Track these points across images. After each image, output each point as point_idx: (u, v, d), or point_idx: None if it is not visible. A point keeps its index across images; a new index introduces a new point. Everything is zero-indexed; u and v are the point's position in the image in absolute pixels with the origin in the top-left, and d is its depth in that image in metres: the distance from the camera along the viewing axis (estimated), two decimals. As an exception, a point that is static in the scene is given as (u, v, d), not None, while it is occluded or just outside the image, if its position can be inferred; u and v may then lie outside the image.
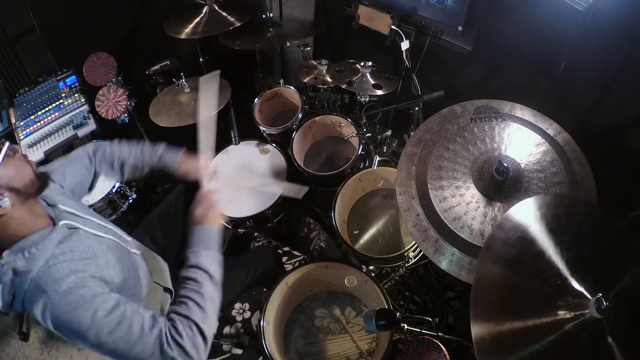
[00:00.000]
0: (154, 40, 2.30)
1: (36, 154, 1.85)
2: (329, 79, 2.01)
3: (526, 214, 0.99)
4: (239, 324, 1.98)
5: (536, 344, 0.85)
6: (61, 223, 0.94)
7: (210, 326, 0.92)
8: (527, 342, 0.85)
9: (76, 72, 1.98)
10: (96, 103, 1.98)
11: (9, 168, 0.88)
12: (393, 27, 1.94)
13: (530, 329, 0.86)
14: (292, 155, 1.90)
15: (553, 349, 0.84)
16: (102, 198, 1.82)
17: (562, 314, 0.87)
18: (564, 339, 0.85)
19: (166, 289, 1.32)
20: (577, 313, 0.86)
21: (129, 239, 1.20)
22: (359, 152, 1.81)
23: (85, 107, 2.04)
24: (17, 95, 1.85)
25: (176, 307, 0.92)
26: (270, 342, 1.41)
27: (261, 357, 1.84)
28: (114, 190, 1.85)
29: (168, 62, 2.01)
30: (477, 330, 0.86)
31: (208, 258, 1.00)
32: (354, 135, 1.85)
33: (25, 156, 0.96)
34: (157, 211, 1.58)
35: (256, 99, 2.13)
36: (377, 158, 1.73)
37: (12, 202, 0.86)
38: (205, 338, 0.89)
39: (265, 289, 1.58)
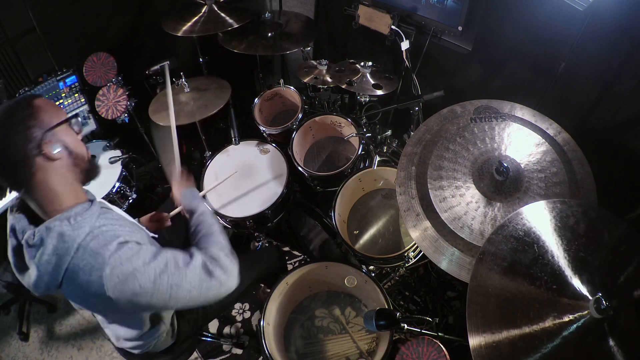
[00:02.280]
0: (154, 40, 2.30)
1: (36, 154, 1.85)
2: (329, 79, 2.01)
3: (517, 224, 1.00)
4: (239, 324, 1.98)
5: (538, 350, 0.85)
6: (97, 200, 0.99)
7: (229, 246, 1.07)
8: (527, 349, 0.85)
9: (76, 72, 1.97)
10: (96, 103, 1.98)
11: (69, 135, 0.93)
12: (393, 27, 1.94)
13: (530, 336, 0.86)
14: (292, 155, 1.90)
15: (557, 353, 0.84)
16: (102, 198, 1.82)
17: (561, 317, 0.87)
18: (566, 343, 0.85)
19: None
20: (576, 315, 0.86)
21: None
22: (359, 152, 1.81)
23: (85, 107, 2.04)
24: (17, 95, 1.85)
25: (201, 241, 1.06)
26: (270, 342, 1.41)
27: (261, 357, 1.84)
28: (114, 190, 1.85)
29: (168, 62, 2.00)
30: (474, 342, 0.87)
31: (203, 205, 1.20)
32: (354, 135, 1.85)
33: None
34: (160, 210, 1.58)
35: (256, 99, 2.13)
36: (377, 158, 1.73)
37: (62, 157, 0.90)
38: (231, 255, 1.04)
39: (268, 290, 1.59)
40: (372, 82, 1.88)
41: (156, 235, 1.20)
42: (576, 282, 0.91)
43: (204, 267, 0.95)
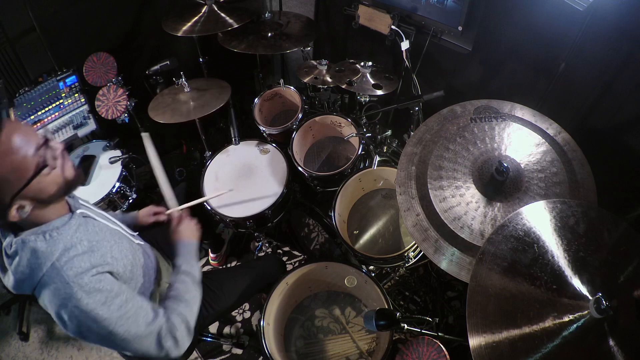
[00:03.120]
0: (154, 40, 2.30)
1: (36, 154, 1.85)
2: (329, 79, 2.01)
3: (517, 224, 1.00)
4: (239, 324, 1.98)
5: (538, 350, 0.85)
6: (78, 211, 0.99)
7: (194, 320, 1.10)
8: (527, 349, 0.85)
9: (76, 72, 1.97)
10: (96, 103, 1.98)
11: (39, 183, 0.86)
12: (393, 27, 1.94)
13: (530, 336, 0.86)
14: (292, 155, 1.90)
15: (557, 353, 0.84)
16: (102, 198, 1.82)
17: (561, 317, 0.87)
18: (566, 343, 0.85)
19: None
20: (576, 315, 0.86)
21: (134, 233, 1.22)
22: (359, 152, 1.81)
23: (85, 107, 2.04)
24: (17, 95, 1.85)
25: (170, 304, 1.08)
26: (270, 342, 1.41)
27: (261, 357, 1.84)
28: (114, 191, 1.85)
29: (168, 62, 2.01)
30: (474, 342, 0.86)
31: (192, 265, 1.19)
32: (354, 135, 1.85)
33: (71, 163, 0.95)
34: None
35: (256, 99, 2.13)
36: (377, 158, 1.73)
37: (32, 207, 0.88)
38: (191, 330, 1.07)
39: (265, 295, 1.59)
40: (372, 82, 1.88)
41: (142, 242, 1.21)
42: (576, 282, 0.91)
43: (156, 336, 0.98)
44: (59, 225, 0.91)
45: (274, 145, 2.01)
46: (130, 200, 1.97)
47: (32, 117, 1.89)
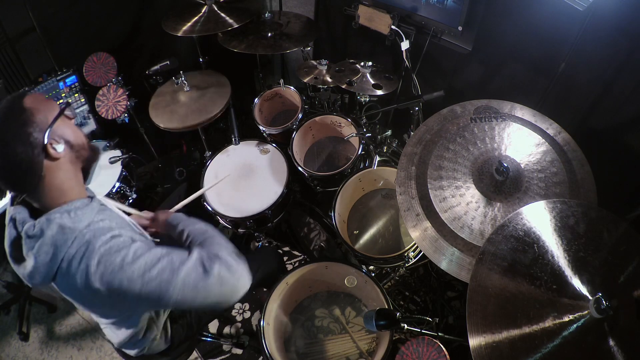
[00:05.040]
0: (154, 40, 2.30)
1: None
2: (329, 79, 2.01)
3: (517, 224, 1.00)
4: (239, 324, 1.98)
5: (538, 350, 0.85)
6: (98, 197, 1.01)
7: (231, 247, 0.96)
8: (527, 349, 0.85)
9: (76, 72, 1.97)
10: (96, 103, 1.98)
11: (67, 126, 0.93)
12: (393, 27, 1.94)
13: (530, 336, 0.86)
14: (292, 155, 1.90)
15: (557, 353, 0.84)
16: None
17: (561, 317, 0.87)
18: (566, 343, 0.85)
19: None
20: (576, 315, 0.86)
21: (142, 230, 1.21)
22: (359, 152, 1.81)
23: (85, 107, 2.04)
24: (17, 95, 1.85)
25: (201, 243, 0.97)
26: (270, 342, 1.41)
27: (261, 357, 1.84)
28: (114, 190, 1.85)
29: (168, 62, 2.01)
30: (474, 342, 0.87)
31: (192, 222, 1.10)
32: (354, 135, 1.85)
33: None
34: (161, 208, 1.58)
35: (256, 99, 2.13)
36: (377, 158, 1.73)
37: (65, 152, 0.91)
38: (236, 253, 0.94)
39: (265, 289, 1.58)
40: (372, 82, 1.88)
41: (157, 240, 1.20)
42: (576, 282, 0.91)
43: (200, 264, 0.87)
44: (81, 205, 0.91)
45: (274, 145, 2.01)
46: (130, 200, 1.97)
47: (32, 117, 1.89)
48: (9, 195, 1.71)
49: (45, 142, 0.86)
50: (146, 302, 0.88)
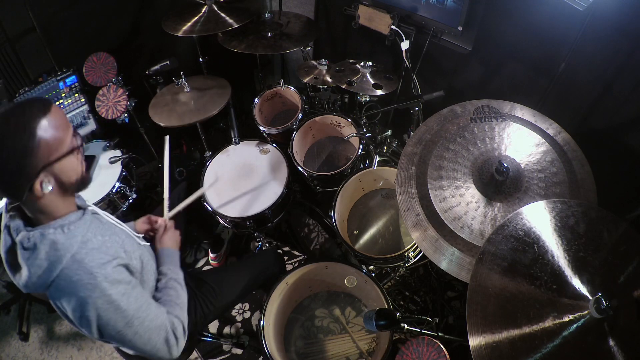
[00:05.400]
0: (154, 40, 2.30)
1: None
2: (329, 79, 2.01)
3: (517, 224, 1.00)
4: (239, 324, 1.98)
5: (538, 350, 0.85)
6: (89, 208, 1.02)
7: (187, 323, 1.13)
8: (527, 349, 0.85)
9: (76, 72, 1.97)
10: (96, 103, 1.98)
11: (66, 164, 0.91)
12: (393, 27, 1.94)
13: (530, 336, 0.86)
14: (292, 155, 1.90)
15: (557, 353, 0.84)
16: (102, 198, 1.82)
17: (561, 317, 0.87)
18: (566, 343, 0.85)
19: None
20: (576, 315, 0.86)
21: (139, 235, 1.22)
22: (359, 152, 1.81)
23: (85, 107, 2.04)
24: (17, 95, 1.85)
25: (167, 306, 1.10)
26: (270, 342, 1.41)
27: (261, 357, 1.84)
28: (114, 191, 1.85)
29: (168, 62, 2.01)
30: (474, 342, 0.87)
31: (177, 273, 1.21)
32: (354, 135, 1.85)
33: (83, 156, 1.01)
34: (159, 210, 1.58)
35: (256, 99, 2.13)
36: (377, 158, 1.73)
37: (53, 189, 0.90)
38: (186, 332, 1.10)
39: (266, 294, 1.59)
40: (372, 82, 1.88)
41: (147, 244, 1.21)
42: (576, 282, 0.91)
43: (165, 330, 1.02)
44: (74, 219, 0.93)
45: (274, 145, 2.01)
46: (130, 200, 1.97)
47: (32, 117, 1.89)
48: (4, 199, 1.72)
49: (34, 179, 0.85)
50: (116, 338, 0.96)
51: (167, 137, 1.48)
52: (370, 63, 1.92)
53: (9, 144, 0.81)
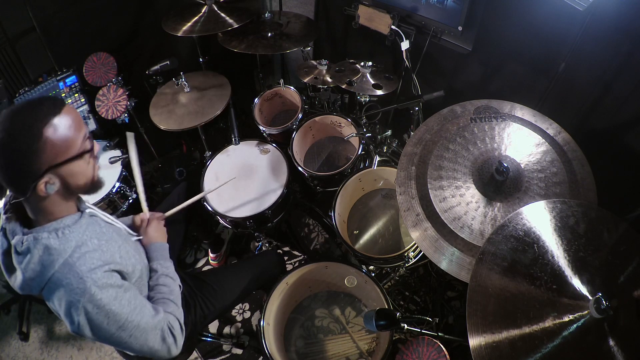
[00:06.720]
0: (154, 40, 2.30)
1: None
2: (329, 79, 2.01)
3: (517, 224, 1.00)
4: (239, 324, 1.98)
5: (538, 350, 0.85)
6: (87, 211, 1.01)
7: (182, 319, 1.12)
8: (527, 349, 0.85)
9: (76, 72, 1.98)
10: (96, 103, 1.98)
11: (74, 167, 0.89)
12: (393, 27, 1.94)
13: (530, 336, 0.86)
14: (292, 155, 1.90)
15: (557, 353, 0.84)
16: (102, 198, 1.82)
17: (561, 317, 0.87)
18: (566, 343, 0.85)
19: None
20: (576, 315, 0.86)
21: (136, 234, 1.23)
22: (359, 152, 1.81)
23: (85, 107, 2.04)
24: (17, 95, 1.85)
25: (162, 306, 1.09)
26: (270, 342, 1.41)
27: (261, 357, 1.84)
28: (114, 191, 1.85)
29: (168, 62, 2.01)
30: (474, 342, 0.87)
31: (167, 267, 1.19)
32: (354, 135, 1.85)
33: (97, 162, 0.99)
34: (159, 210, 1.58)
35: (256, 99, 2.13)
36: (377, 158, 1.73)
37: (57, 190, 0.89)
38: (183, 329, 1.10)
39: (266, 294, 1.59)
40: (372, 82, 1.88)
41: (140, 237, 1.22)
42: (576, 282, 0.91)
43: (162, 330, 1.01)
44: (70, 223, 0.92)
45: (274, 145, 2.01)
46: (130, 200, 1.97)
47: (32, 117, 1.89)
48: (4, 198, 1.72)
49: (38, 179, 0.84)
50: (111, 340, 0.95)
51: (132, 134, 1.47)
52: (370, 63, 1.92)
53: (14, 143, 0.81)
